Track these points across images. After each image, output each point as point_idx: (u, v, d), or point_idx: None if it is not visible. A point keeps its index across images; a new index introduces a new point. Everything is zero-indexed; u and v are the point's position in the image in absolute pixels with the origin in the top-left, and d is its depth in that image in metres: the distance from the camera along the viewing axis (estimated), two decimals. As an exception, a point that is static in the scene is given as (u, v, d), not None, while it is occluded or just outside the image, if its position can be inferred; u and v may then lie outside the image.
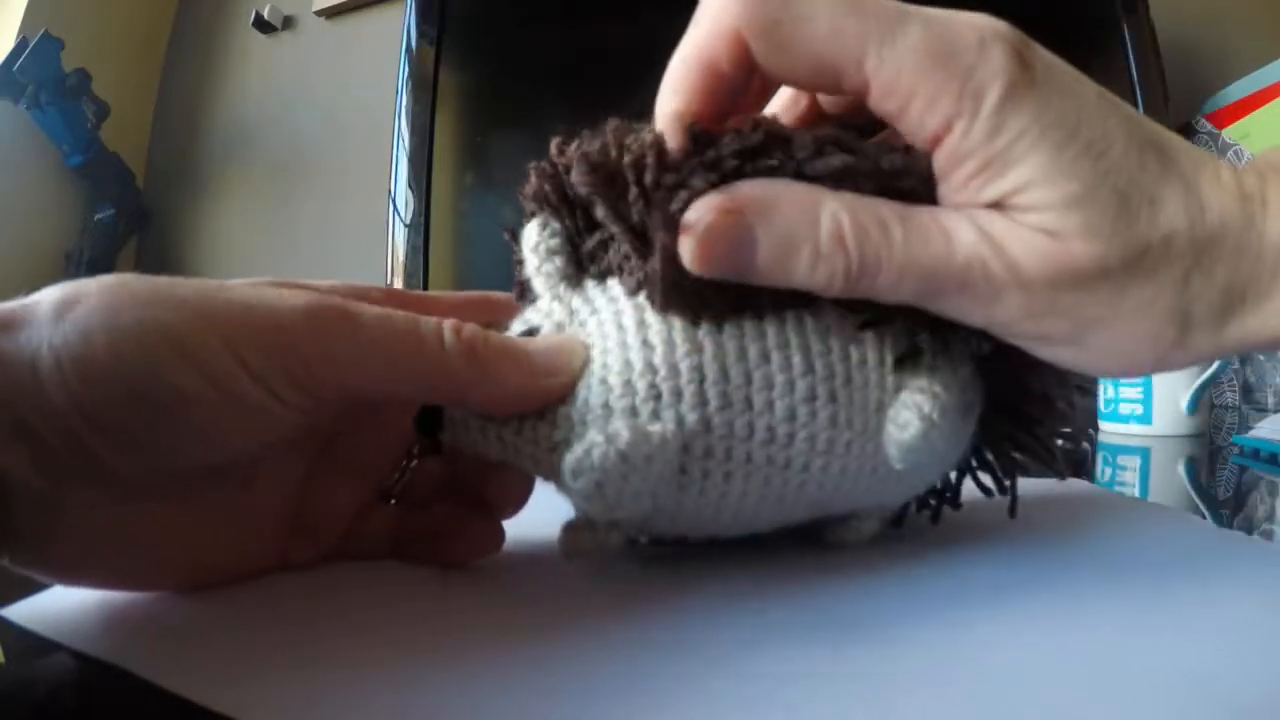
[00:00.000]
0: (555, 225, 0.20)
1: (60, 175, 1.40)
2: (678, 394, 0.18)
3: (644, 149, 0.18)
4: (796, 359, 0.19)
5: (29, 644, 0.17)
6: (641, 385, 0.18)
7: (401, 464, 0.23)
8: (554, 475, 0.19)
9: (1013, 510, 0.23)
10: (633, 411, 0.18)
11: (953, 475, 0.24)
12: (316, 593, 0.20)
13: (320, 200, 1.40)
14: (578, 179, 0.18)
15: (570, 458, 0.18)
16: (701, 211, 0.17)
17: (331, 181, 1.38)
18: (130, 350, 0.15)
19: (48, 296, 0.15)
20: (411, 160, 0.84)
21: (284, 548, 0.20)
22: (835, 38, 0.16)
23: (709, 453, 0.18)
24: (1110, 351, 0.18)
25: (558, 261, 0.20)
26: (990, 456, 0.23)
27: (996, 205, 0.17)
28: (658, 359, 0.18)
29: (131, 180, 1.48)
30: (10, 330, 0.15)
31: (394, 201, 0.85)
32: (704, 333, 0.18)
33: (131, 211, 1.46)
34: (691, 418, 0.18)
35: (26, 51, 1.23)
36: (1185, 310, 0.17)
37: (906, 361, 0.19)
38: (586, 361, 0.19)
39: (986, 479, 0.24)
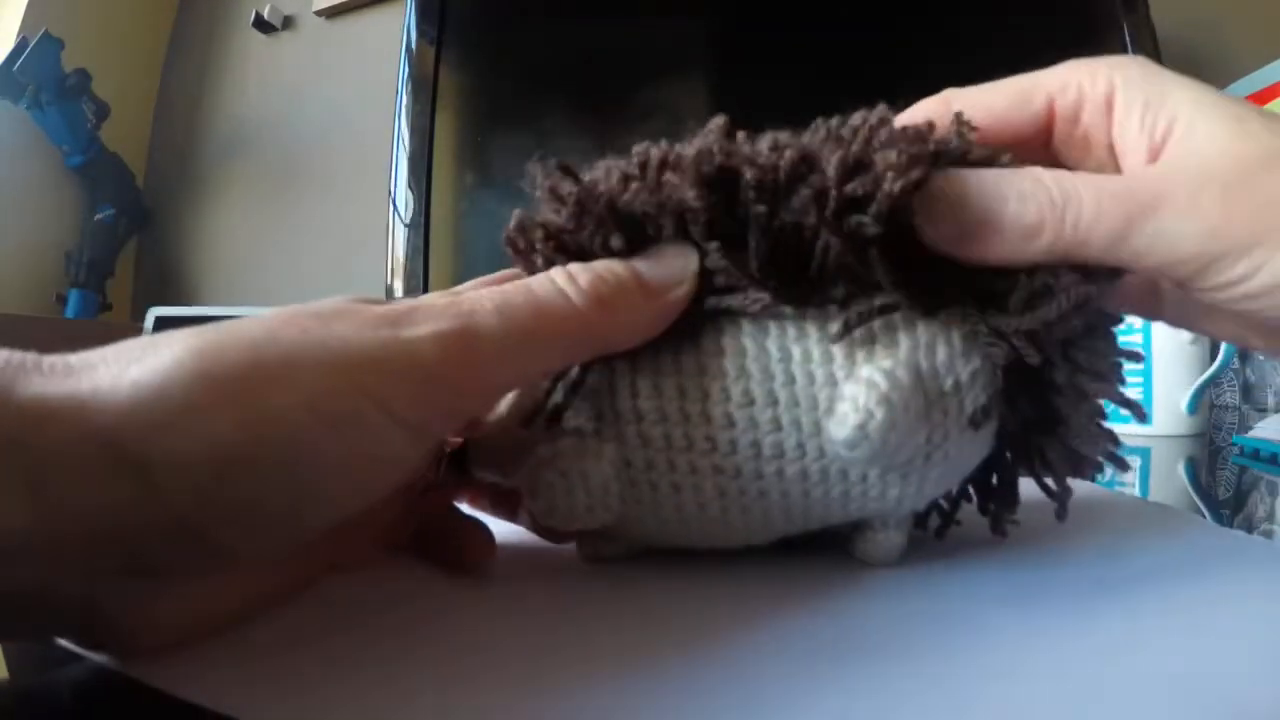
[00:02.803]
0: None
1: (60, 175, 1.41)
2: (616, 411, 0.19)
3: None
4: (729, 364, 0.18)
5: (35, 651, 0.17)
6: (584, 405, 0.19)
7: (438, 459, 0.23)
8: None
9: (1060, 514, 0.21)
10: (579, 431, 0.19)
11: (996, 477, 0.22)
12: (321, 594, 0.20)
13: (320, 200, 1.40)
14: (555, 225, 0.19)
15: (520, 475, 0.19)
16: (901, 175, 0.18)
17: (331, 181, 1.38)
18: (262, 431, 0.13)
19: (125, 376, 0.13)
20: (411, 160, 0.84)
21: (333, 556, 0.20)
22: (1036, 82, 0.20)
23: (650, 465, 0.19)
24: None
25: None
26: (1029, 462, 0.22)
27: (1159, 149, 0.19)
28: (598, 378, 0.19)
29: (131, 180, 1.48)
30: (87, 417, 0.12)
31: (394, 201, 0.85)
32: (643, 349, 0.19)
33: (131, 211, 1.46)
34: (629, 432, 0.19)
35: (26, 51, 1.23)
36: None
37: (857, 352, 0.18)
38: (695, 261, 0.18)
39: (1048, 480, 0.22)
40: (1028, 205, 0.18)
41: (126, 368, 0.13)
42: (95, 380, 0.13)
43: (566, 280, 0.17)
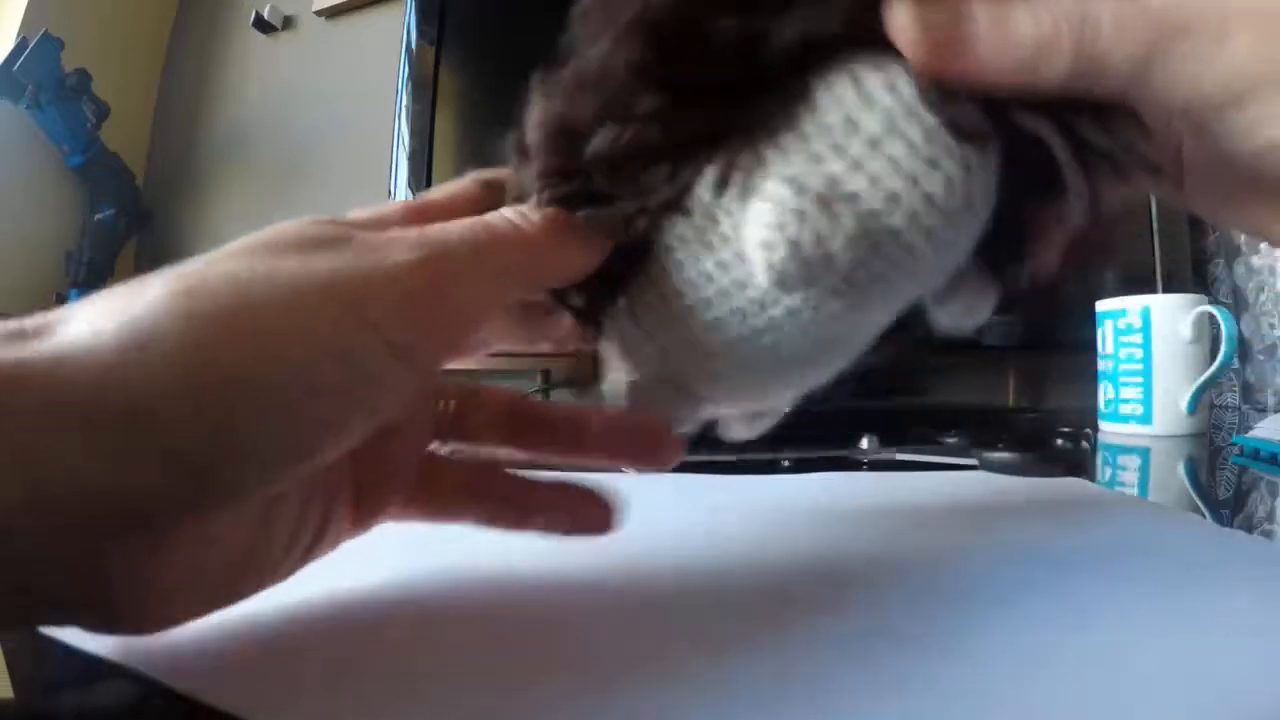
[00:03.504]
0: None
1: (60, 175, 1.40)
2: (646, 332, 0.20)
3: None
4: (681, 255, 0.19)
5: (37, 649, 0.17)
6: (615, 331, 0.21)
7: (440, 403, 0.22)
8: None
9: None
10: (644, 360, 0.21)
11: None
12: (325, 592, 0.20)
13: (320, 200, 1.40)
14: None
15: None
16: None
17: (331, 181, 1.38)
18: (262, 366, 0.13)
19: (110, 322, 0.13)
20: (411, 160, 0.84)
21: (358, 515, 0.20)
22: None
23: (676, 374, 0.20)
24: None
25: None
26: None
27: None
28: (611, 323, 0.21)
29: (131, 180, 1.48)
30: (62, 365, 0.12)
31: (394, 199, 0.85)
32: (630, 278, 0.20)
33: (131, 211, 1.46)
34: (649, 350, 0.20)
35: (26, 51, 1.23)
36: None
37: (756, 177, 0.17)
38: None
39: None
40: (1041, 13, 0.16)
41: (108, 319, 0.13)
42: (74, 337, 0.13)
43: (517, 215, 0.18)
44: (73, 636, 0.16)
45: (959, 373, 0.86)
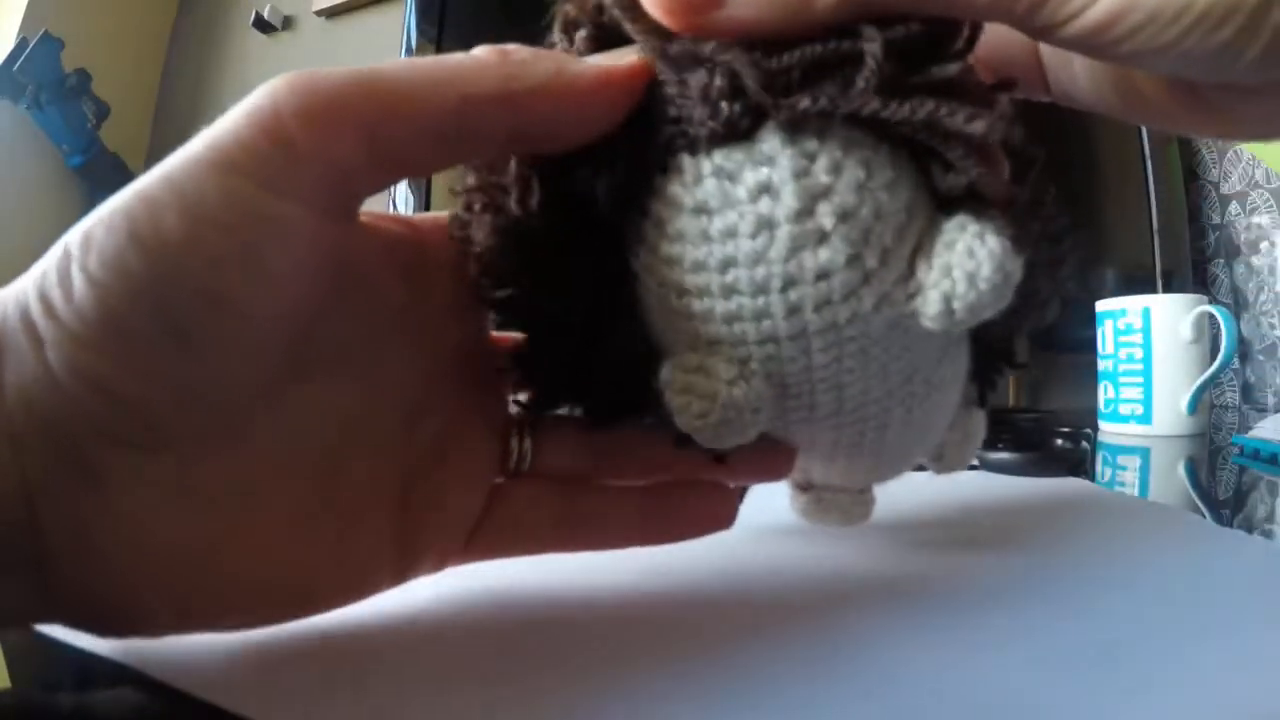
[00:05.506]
0: None
1: (60, 175, 1.40)
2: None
3: None
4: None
5: (37, 648, 0.17)
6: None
7: (514, 438, 0.19)
8: None
9: None
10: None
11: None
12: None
13: (320, 200, 1.39)
14: None
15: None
16: None
17: (331, 181, 1.38)
18: (121, 238, 0.14)
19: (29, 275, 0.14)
20: (411, 160, 0.84)
21: (402, 557, 0.17)
22: None
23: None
24: None
25: None
26: None
27: None
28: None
29: (131, 180, 1.48)
30: None
31: (394, 202, 0.85)
32: None
33: (131, 211, 1.46)
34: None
35: (26, 51, 1.23)
36: None
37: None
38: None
39: None
40: None
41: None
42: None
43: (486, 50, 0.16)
44: (71, 634, 0.16)
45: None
